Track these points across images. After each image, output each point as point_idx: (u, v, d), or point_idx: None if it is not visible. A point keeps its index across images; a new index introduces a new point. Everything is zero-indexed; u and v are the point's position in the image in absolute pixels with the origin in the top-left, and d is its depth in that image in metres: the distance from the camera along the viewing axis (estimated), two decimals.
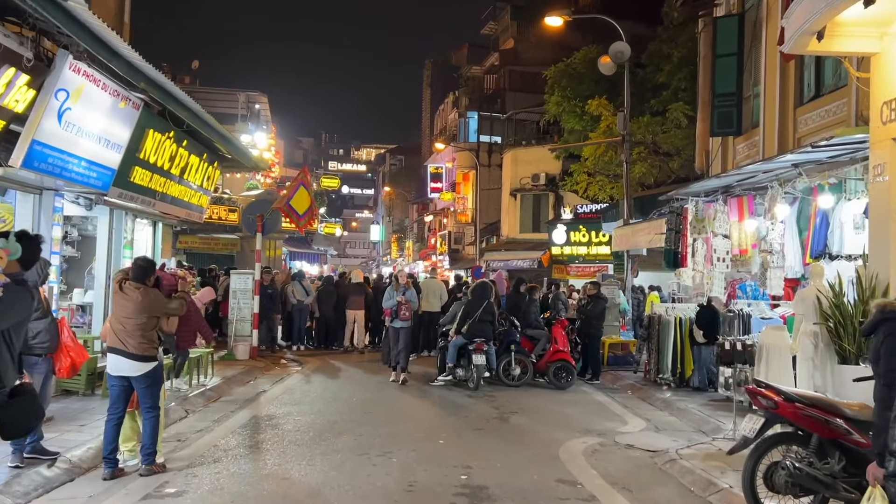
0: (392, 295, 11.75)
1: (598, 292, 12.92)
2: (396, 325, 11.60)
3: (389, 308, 11.63)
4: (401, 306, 11.48)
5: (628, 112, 17.08)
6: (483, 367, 10.98)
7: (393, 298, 11.63)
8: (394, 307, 11.53)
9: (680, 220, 12.50)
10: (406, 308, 11.51)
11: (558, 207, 31.45)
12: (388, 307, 11.69)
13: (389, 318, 11.61)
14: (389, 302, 11.69)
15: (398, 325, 11.57)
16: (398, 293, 11.67)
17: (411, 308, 11.71)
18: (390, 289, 12.08)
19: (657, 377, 12.05)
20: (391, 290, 11.95)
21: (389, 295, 11.87)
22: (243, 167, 13.93)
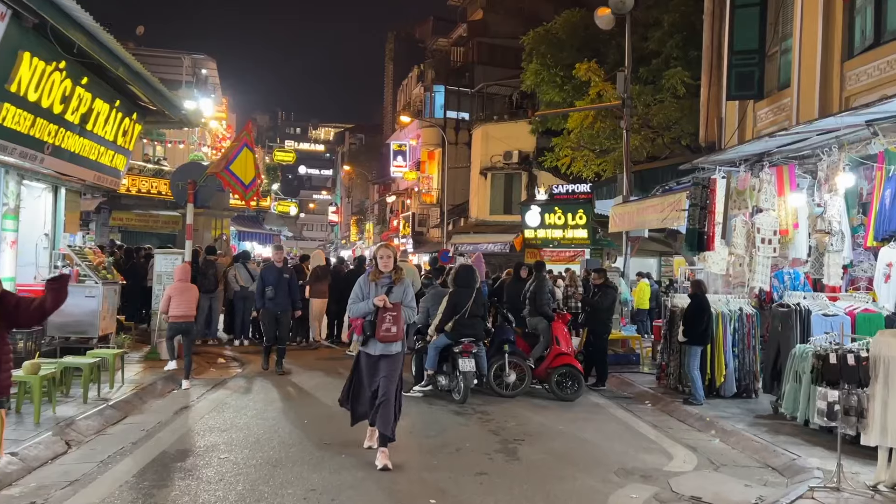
0: (366, 292, 6.19)
1: (606, 280, 10.68)
2: (372, 352, 6.11)
3: (360, 317, 6.14)
4: (383, 316, 5.99)
5: (629, 71, 14.83)
6: (472, 374, 8.64)
7: (368, 300, 6.11)
8: (369, 317, 6.09)
9: (706, 193, 10.31)
10: (393, 319, 6.01)
11: (532, 187, 29.32)
12: (357, 314, 6.17)
13: (359, 336, 6.16)
14: (361, 306, 6.13)
15: (376, 353, 6.09)
16: (378, 287, 6.18)
17: (402, 319, 6.10)
18: (364, 279, 6.29)
19: (679, 383, 9.92)
20: (365, 283, 6.24)
21: (362, 292, 6.21)
22: (170, 121, 11.27)
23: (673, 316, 10.18)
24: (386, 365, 6.11)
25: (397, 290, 6.15)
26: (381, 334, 6.00)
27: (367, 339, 6.09)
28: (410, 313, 6.25)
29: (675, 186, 13.27)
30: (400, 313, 6.06)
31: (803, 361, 7.52)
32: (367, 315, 6.07)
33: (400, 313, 6.06)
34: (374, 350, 6.10)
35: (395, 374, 6.17)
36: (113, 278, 10.31)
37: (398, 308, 6.07)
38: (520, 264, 10.80)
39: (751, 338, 9.58)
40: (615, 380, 11.03)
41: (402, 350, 6.26)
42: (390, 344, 6.09)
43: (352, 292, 6.26)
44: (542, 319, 10.00)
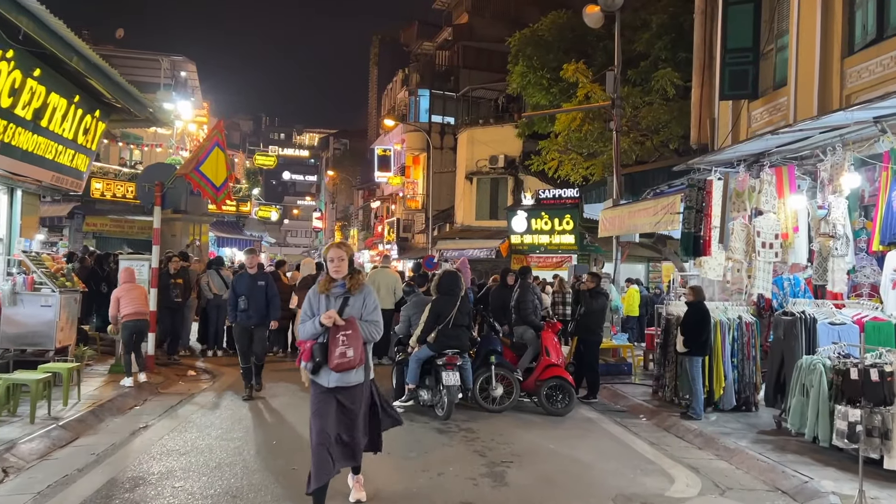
0: (316, 307, 4.86)
1: (598, 286, 10.15)
2: (325, 383, 4.77)
3: (310, 339, 4.82)
4: (335, 337, 4.68)
5: (619, 70, 14.35)
6: (457, 388, 8.05)
7: (316, 317, 4.77)
8: (320, 338, 4.76)
9: (702, 195, 9.81)
10: (349, 339, 4.67)
11: (518, 192, 28.86)
12: (305, 336, 4.86)
13: (309, 363, 4.78)
14: (308, 326, 4.80)
15: (330, 384, 4.76)
16: (330, 300, 4.84)
17: (360, 338, 4.75)
18: (313, 291, 4.95)
19: (675, 396, 9.39)
20: (315, 296, 4.91)
21: (311, 307, 4.90)
22: (137, 120, 10.62)
23: (668, 324, 9.66)
24: (345, 399, 4.75)
25: (354, 301, 4.77)
26: (335, 361, 4.60)
27: (317, 366, 4.68)
28: (372, 330, 4.80)
29: (668, 189, 12.79)
30: (357, 331, 4.67)
31: (811, 374, 7.02)
32: (318, 336, 4.72)
33: (357, 331, 4.67)
34: (328, 381, 4.70)
35: (357, 411, 4.84)
36: (72, 286, 9.63)
37: (354, 325, 4.67)
38: (507, 270, 10.24)
39: (750, 347, 9.07)
40: (607, 391, 10.49)
41: (366, 377, 4.91)
42: (348, 372, 4.68)
43: (304, 308, 4.90)
44: (529, 329, 9.45)
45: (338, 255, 4.82)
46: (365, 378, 4.89)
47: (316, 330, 4.71)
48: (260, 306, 9.19)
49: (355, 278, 4.83)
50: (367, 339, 4.83)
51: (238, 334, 9.33)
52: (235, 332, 9.45)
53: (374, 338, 4.88)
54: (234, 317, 9.23)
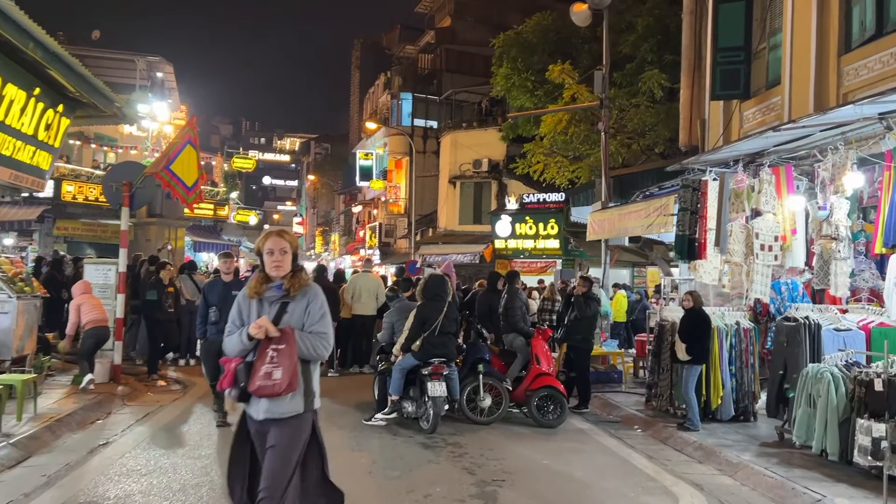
0: (246, 314, 3.72)
1: (589, 290, 9.72)
2: (255, 414, 3.65)
3: (237, 356, 3.65)
4: (263, 352, 3.55)
5: (608, 70, 13.99)
6: (443, 399, 7.56)
7: (241, 332, 3.62)
8: (249, 355, 3.63)
9: (697, 196, 9.44)
10: (279, 356, 3.53)
11: (502, 196, 28.49)
12: (231, 352, 3.66)
13: (233, 388, 3.63)
14: (234, 339, 3.65)
15: (259, 415, 3.62)
16: (265, 306, 3.69)
17: (295, 355, 3.55)
18: (242, 295, 3.77)
19: (670, 406, 8.99)
20: (244, 301, 3.75)
21: (239, 315, 3.73)
22: (104, 116, 10.04)
23: (661, 331, 9.26)
24: (275, 437, 3.58)
25: (295, 307, 3.61)
26: (256, 383, 3.47)
27: (243, 393, 3.56)
28: (317, 344, 3.58)
29: (658, 192, 12.45)
30: (292, 346, 3.50)
31: (818, 383, 6.63)
32: (247, 353, 3.59)
33: (292, 346, 3.50)
34: (256, 411, 3.59)
35: (288, 454, 3.59)
36: (32, 291, 9.04)
37: (289, 337, 3.51)
38: (496, 274, 9.78)
39: (749, 355, 8.68)
40: (598, 401, 10.06)
41: (307, 408, 3.62)
42: (279, 400, 3.51)
43: (229, 317, 3.74)
44: (519, 336, 9.00)
45: (278, 247, 3.64)
46: (306, 408, 3.61)
47: (243, 345, 3.56)
48: None
49: (298, 278, 3.66)
50: (309, 357, 3.59)
51: (207, 351, 7.95)
52: (203, 348, 8.19)
53: (318, 354, 3.62)
54: (204, 331, 7.85)
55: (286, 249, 3.67)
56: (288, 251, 3.68)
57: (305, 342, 3.57)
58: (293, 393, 3.53)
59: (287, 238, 3.73)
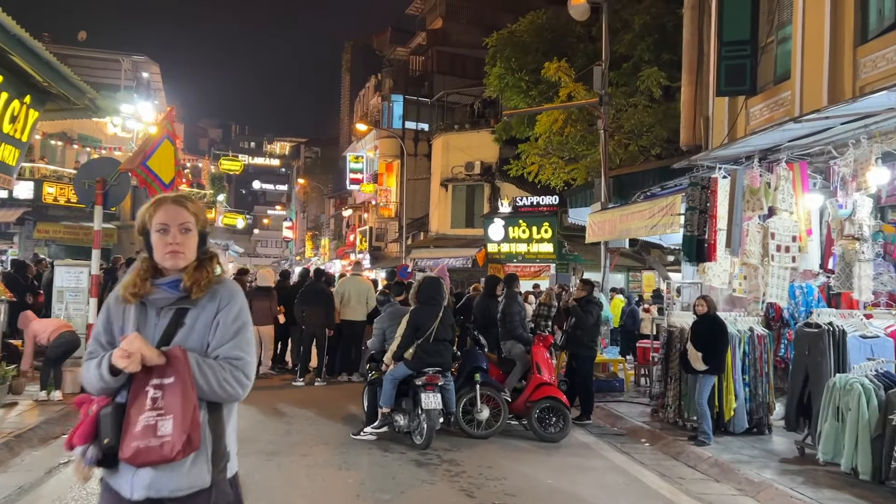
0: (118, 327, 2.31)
1: (590, 294, 9.17)
2: (128, 492, 2.18)
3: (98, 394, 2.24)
4: (142, 391, 2.16)
5: (607, 66, 13.48)
6: (438, 412, 6.97)
7: (103, 360, 2.20)
8: (118, 395, 2.21)
9: (707, 195, 8.91)
10: (168, 399, 2.15)
11: (495, 199, 27.99)
12: (92, 388, 2.26)
13: (89, 447, 2.17)
14: (93, 371, 2.23)
15: (135, 496, 2.17)
16: (151, 315, 2.30)
17: (193, 396, 2.16)
18: (114, 299, 2.36)
19: (679, 417, 8.44)
20: (116, 308, 2.33)
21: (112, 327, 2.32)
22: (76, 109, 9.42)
23: (670, 338, 8.72)
24: None
25: (198, 316, 2.31)
26: (133, 445, 2.12)
27: (107, 455, 2.18)
28: (227, 379, 2.24)
29: (660, 192, 11.94)
30: (187, 380, 2.17)
31: (847, 395, 6.10)
32: (114, 391, 2.24)
33: (187, 380, 2.17)
34: (131, 486, 2.20)
35: None
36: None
37: (180, 366, 2.18)
38: (494, 278, 9.21)
39: (763, 363, 8.16)
40: (601, 411, 9.50)
41: (219, 479, 2.33)
42: (169, 470, 2.18)
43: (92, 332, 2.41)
44: (518, 343, 8.43)
45: (177, 222, 2.30)
46: (215, 480, 2.28)
47: (104, 381, 2.20)
48: None
49: (203, 272, 2.33)
50: (216, 397, 2.24)
51: None
52: None
53: (229, 393, 2.25)
54: None
55: (189, 226, 2.31)
56: (192, 229, 2.32)
57: (210, 374, 2.19)
58: (194, 455, 2.17)
59: (190, 208, 2.35)
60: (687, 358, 7.80)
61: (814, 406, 6.80)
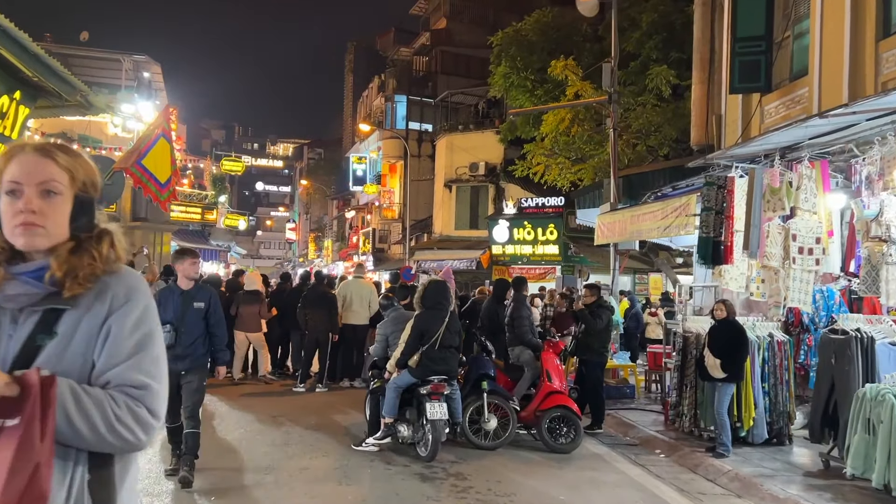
0: None
1: (599, 299, 8.81)
2: None
3: None
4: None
5: (616, 62, 13.14)
6: (444, 422, 6.63)
7: None
8: None
9: (723, 194, 8.56)
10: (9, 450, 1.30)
11: (500, 201, 27.65)
12: None
13: None
14: None
15: None
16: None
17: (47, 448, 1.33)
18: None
19: (695, 426, 8.08)
20: None
21: None
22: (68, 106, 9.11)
23: (685, 343, 8.36)
24: None
25: (77, 321, 1.52)
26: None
27: None
28: (124, 417, 1.45)
29: (671, 192, 11.60)
30: (34, 424, 1.33)
31: (878, 406, 5.74)
32: None
33: (34, 424, 1.33)
34: None
35: None
36: None
37: (35, 399, 1.34)
38: (503, 281, 8.86)
39: (783, 370, 7.80)
40: (612, 419, 9.15)
41: None
42: None
43: None
44: (527, 349, 8.08)
45: (34, 178, 1.53)
46: None
47: None
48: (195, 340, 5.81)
49: (84, 257, 1.56)
50: (104, 445, 1.46)
51: None
52: None
53: (124, 440, 1.46)
54: None
55: (54, 186, 1.54)
56: (61, 191, 1.55)
57: (94, 412, 1.43)
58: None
59: (61, 161, 1.56)
60: (704, 365, 7.45)
61: (840, 417, 6.45)
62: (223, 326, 6.07)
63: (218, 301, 6.12)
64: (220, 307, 6.10)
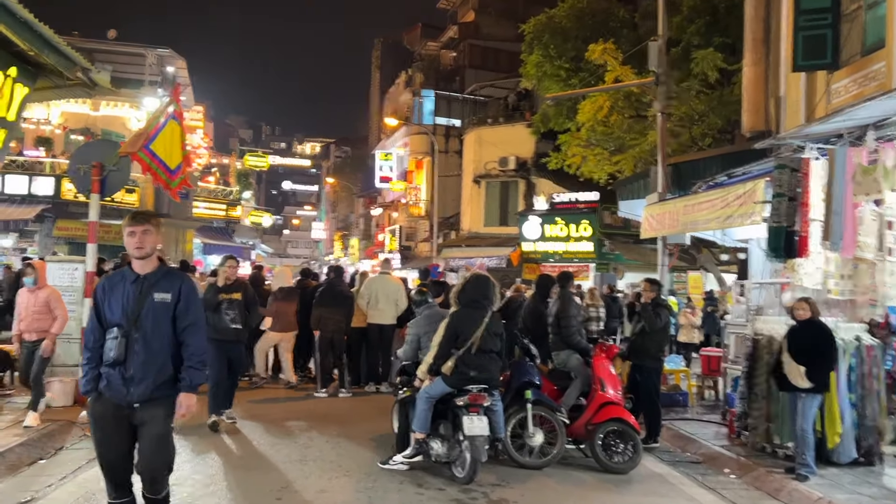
0: None
1: (658, 296, 7.83)
2: None
3: None
4: None
5: (665, 40, 12.11)
6: (484, 439, 5.71)
7: None
8: None
9: (797, 178, 7.56)
10: None
11: (530, 196, 26.74)
12: None
13: None
14: None
15: None
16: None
17: None
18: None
19: (767, 442, 7.09)
20: None
21: None
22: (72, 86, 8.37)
23: (756, 347, 7.36)
24: None
25: None
26: None
27: None
28: None
29: (728, 180, 10.57)
30: None
31: None
32: None
33: None
34: None
35: None
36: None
37: None
38: (548, 277, 7.89)
39: (873, 379, 6.77)
40: (667, 431, 8.16)
41: None
42: None
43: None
44: (575, 353, 7.15)
45: None
46: None
47: None
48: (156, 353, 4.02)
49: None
50: None
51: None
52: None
53: None
54: None
55: None
56: None
57: None
58: None
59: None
60: (781, 372, 6.46)
61: None
62: (201, 332, 3.97)
63: (194, 292, 4.03)
64: (197, 301, 4.06)
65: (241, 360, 8.18)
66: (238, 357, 7.86)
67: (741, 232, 11.74)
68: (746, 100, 12.92)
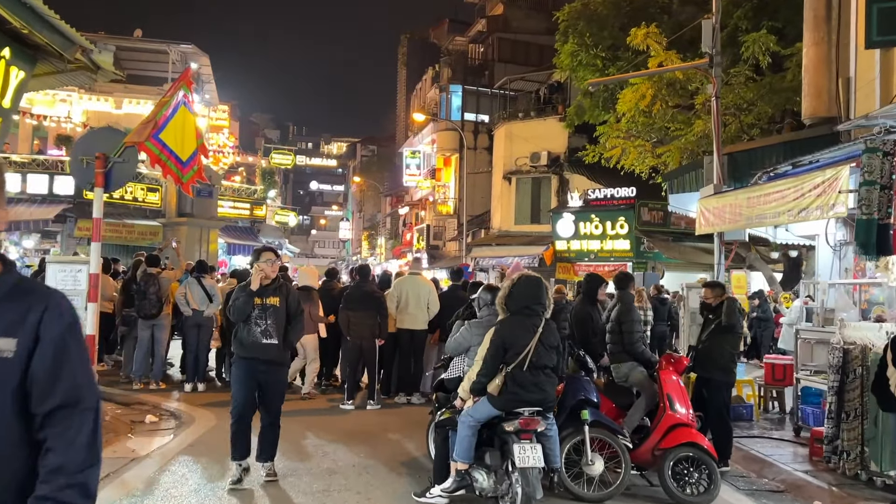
0: None
1: (728, 299, 6.86)
2: None
3: None
4: None
5: (718, 18, 11.09)
6: (538, 471, 4.80)
7: None
8: None
9: (890, 163, 6.55)
10: None
11: (563, 193, 25.74)
12: None
13: None
14: None
15: None
16: None
17: None
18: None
19: (862, 469, 6.10)
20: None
21: None
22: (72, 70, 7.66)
23: (846, 358, 6.37)
24: None
25: None
26: None
27: None
28: None
29: (792, 170, 9.54)
30: None
31: None
32: None
33: None
34: None
35: None
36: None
37: None
38: (595, 276, 6.97)
39: None
40: (736, 452, 7.16)
41: None
42: None
43: None
44: (637, 365, 6.23)
45: None
46: None
47: None
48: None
49: None
50: None
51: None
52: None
53: None
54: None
55: None
56: None
57: None
58: None
59: None
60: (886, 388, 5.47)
61: None
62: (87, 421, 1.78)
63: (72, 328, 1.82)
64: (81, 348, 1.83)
65: (279, 391, 5.85)
66: (275, 384, 5.75)
67: (805, 227, 10.73)
68: (807, 83, 11.85)
